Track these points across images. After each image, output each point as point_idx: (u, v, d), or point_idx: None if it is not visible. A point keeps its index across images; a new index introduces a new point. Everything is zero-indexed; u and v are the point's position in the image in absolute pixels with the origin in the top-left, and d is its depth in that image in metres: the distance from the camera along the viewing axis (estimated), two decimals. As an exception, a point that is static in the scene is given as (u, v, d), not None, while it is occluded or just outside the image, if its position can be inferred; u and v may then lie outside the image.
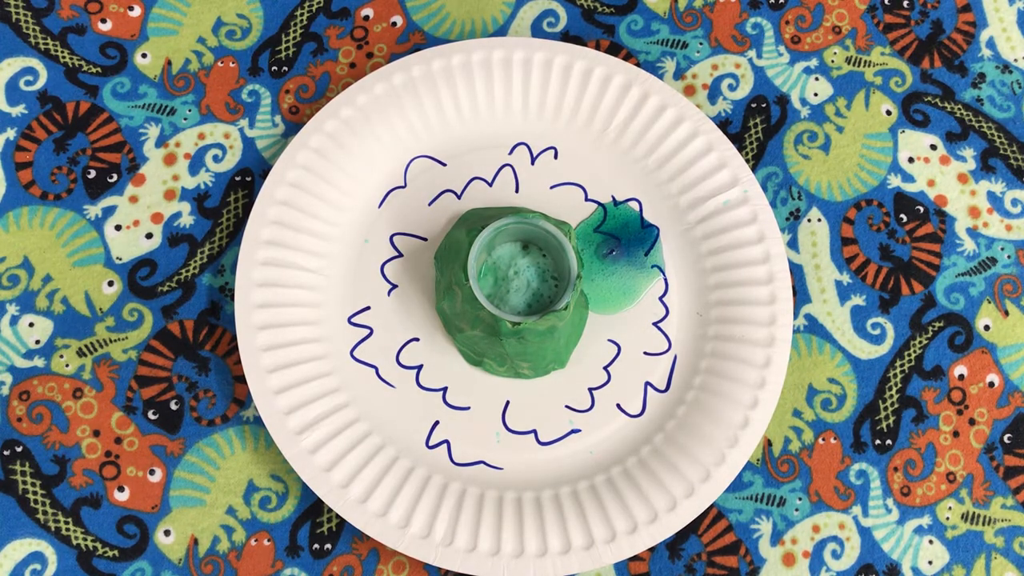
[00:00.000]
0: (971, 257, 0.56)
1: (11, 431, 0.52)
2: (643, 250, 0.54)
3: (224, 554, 0.51)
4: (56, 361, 0.53)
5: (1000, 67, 0.59)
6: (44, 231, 0.55)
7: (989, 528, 0.53)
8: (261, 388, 0.50)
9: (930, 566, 0.52)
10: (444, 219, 0.55)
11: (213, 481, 0.52)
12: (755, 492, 0.53)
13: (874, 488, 0.53)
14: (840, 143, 0.57)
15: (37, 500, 0.51)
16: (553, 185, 0.55)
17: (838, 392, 0.54)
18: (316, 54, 0.58)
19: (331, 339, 0.53)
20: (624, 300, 0.54)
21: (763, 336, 0.52)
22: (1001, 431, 0.54)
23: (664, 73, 0.58)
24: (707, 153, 0.54)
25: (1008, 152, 0.57)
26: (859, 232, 0.56)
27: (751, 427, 0.51)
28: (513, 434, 0.52)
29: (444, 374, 0.53)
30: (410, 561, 0.51)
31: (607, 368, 0.53)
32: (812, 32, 0.59)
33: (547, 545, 0.49)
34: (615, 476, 0.51)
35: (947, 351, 0.55)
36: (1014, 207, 0.57)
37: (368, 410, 0.52)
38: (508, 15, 0.59)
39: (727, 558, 0.52)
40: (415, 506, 0.50)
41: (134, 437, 0.52)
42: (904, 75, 0.58)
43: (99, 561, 0.51)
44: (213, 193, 0.55)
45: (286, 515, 0.52)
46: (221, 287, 0.54)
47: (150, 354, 0.53)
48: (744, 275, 0.53)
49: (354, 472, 0.50)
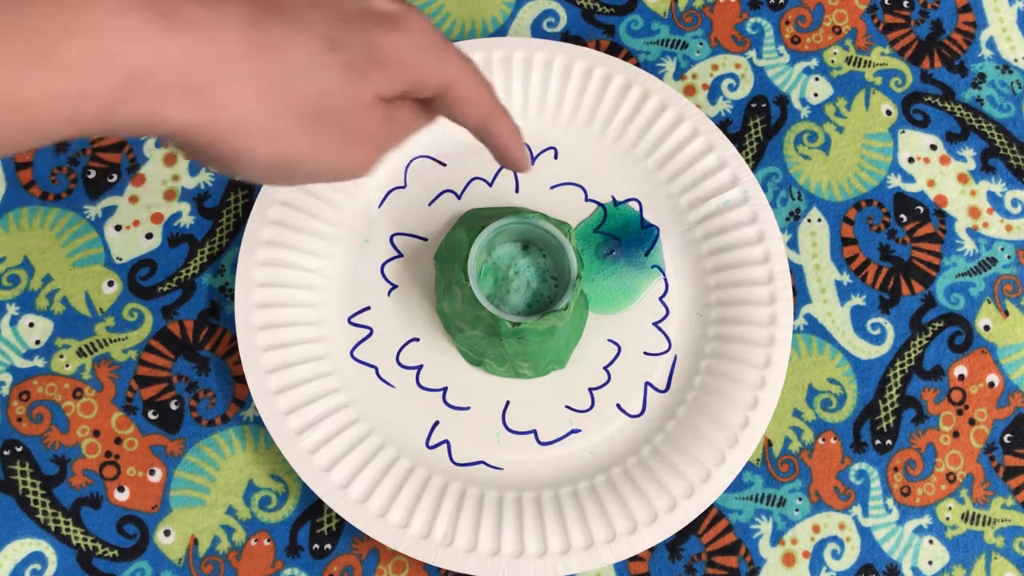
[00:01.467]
0: (971, 257, 0.56)
1: (11, 431, 0.52)
2: (643, 250, 0.54)
3: (224, 554, 0.51)
4: (56, 361, 0.53)
5: (1000, 67, 0.59)
6: (44, 231, 0.55)
7: (989, 528, 0.53)
8: (261, 388, 0.50)
9: (930, 566, 0.52)
10: (444, 219, 0.55)
11: (213, 481, 0.52)
12: (755, 492, 0.53)
13: (874, 488, 0.53)
14: (840, 143, 0.57)
15: (37, 500, 0.51)
16: (553, 185, 0.55)
17: (838, 392, 0.54)
18: (316, 54, 0.58)
19: (331, 339, 0.53)
20: (624, 300, 0.54)
21: (763, 336, 0.52)
22: (1001, 431, 0.54)
23: (664, 73, 0.58)
24: (707, 153, 0.54)
25: (1008, 152, 0.57)
26: (859, 232, 0.56)
27: (751, 427, 0.51)
28: (513, 434, 0.52)
29: (444, 374, 0.53)
30: (410, 561, 0.51)
31: (607, 368, 0.53)
32: (812, 32, 0.59)
33: (547, 545, 0.49)
34: (615, 476, 0.51)
35: (947, 351, 0.55)
36: (1014, 207, 0.57)
37: (368, 410, 0.52)
38: (508, 15, 0.59)
39: (727, 558, 0.52)
40: (415, 506, 0.50)
41: (134, 437, 0.52)
42: (904, 75, 0.58)
43: (99, 561, 0.51)
44: (213, 193, 0.55)
45: (286, 515, 0.52)
46: (221, 287, 0.54)
47: (150, 354, 0.53)
48: (744, 275, 0.53)
49: (354, 472, 0.50)
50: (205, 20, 0.30)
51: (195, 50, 0.30)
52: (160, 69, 0.29)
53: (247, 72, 0.31)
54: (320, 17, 0.33)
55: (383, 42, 0.33)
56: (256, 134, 0.32)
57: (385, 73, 0.34)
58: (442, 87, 0.36)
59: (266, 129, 0.32)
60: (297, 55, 0.32)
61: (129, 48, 0.29)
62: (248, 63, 0.31)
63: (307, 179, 0.34)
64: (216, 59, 0.30)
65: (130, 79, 0.29)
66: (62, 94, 0.28)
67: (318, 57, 0.32)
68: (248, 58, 0.31)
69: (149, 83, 0.29)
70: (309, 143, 0.33)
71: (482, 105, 0.37)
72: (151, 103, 0.30)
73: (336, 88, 0.33)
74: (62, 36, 0.28)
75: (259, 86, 0.31)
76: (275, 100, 0.31)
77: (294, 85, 0.32)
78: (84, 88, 0.28)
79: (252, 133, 0.32)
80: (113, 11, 0.29)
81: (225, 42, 0.30)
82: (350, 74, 0.33)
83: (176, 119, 0.30)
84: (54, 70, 0.28)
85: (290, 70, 0.32)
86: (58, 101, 0.28)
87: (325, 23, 0.32)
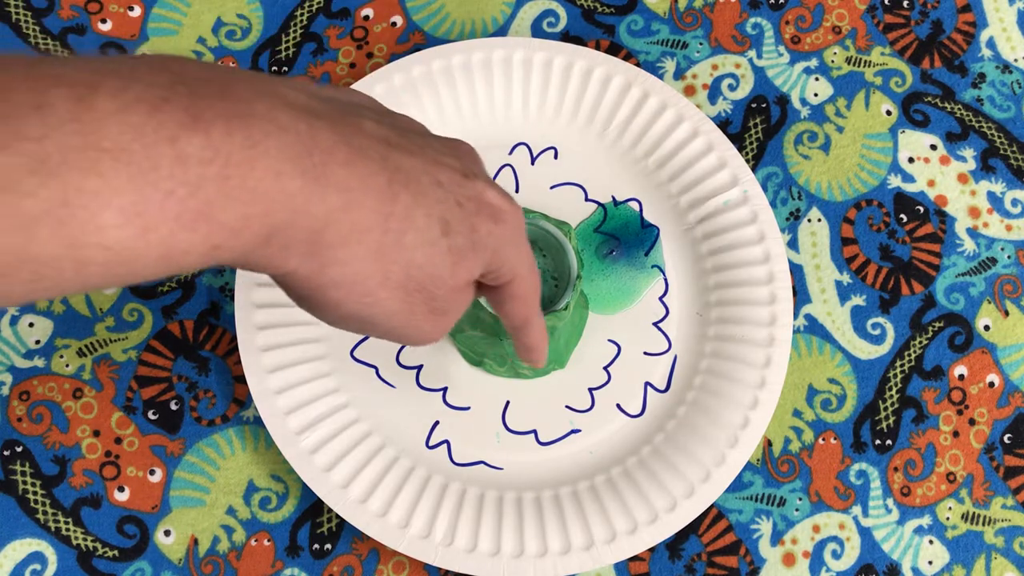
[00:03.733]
0: (971, 257, 0.56)
1: (11, 431, 0.52)
2: (643, 250, 0.54)
3: (224, 554, 0.51)
4: (56, 361, 0.53)
5: (1000, 67, 0.59)
6: (44, 231, 0.54)
7: (989, 528, 0.53)
8: (261, 388, 0.50)
9: (930, 566, 0.52)
10: (444, 219, 0.55)
11: (213, 481, 0.52)
12: (755, 492, 0.53)
13: (874, 488, 0.53)
14: (840, 143, 0.57)
15: (37, 500, 0.51)
16: (553, 185, 0.55)
17: (838, 392, 0.54)
18: (316, 54, 0.58)
19: (331, 339, 0.53)
20: (624, 300, 0.54)
21: (763, 336, 0.52)
22: (1001, 431, 0.54)
23: (664, 73, 0.58)
24: (707, 153, 0.54)
25: (1008, 152, 0.57)
26: (859, 232, 0.56)
27: (751, 427, 0.51)
28: (513, 434, 0.52)
29: (444, 374, 0.53)
30: (410, 561, 0.51)
31: (607, 368, 0.53)
32: (812, 32, 0.59)
33: (547, 545, 0.49)
34: (615, 476, 0.51)
35: (947, 351, 0.55)
36: (1014, 207, 0.57)
37: (368, 410, 0.52)
38: (508, 15, 0.59)
39: (727, 558, 0.52)
40: (415, 506, 0.50)
41: (134, 437, 0.52)
42: (904, 75, 0.58)
43: (99, 561, 0.51)
44: (213, 193, 0.55)
45: (286, 515, 0.52)
46: (221, 287, 0.54)
47: (150, 354, 0.53)
48: (744, 275, 0.53)
49: (354, 472, 0.50)
50: (352, 186, 0.30)
51: (339, 213, 0.30)
52: (296, 226, 0.30)
53: (372, 239, 0.31)
54: (442, 198, 0.33)
55: (484, 232, 0.35)
56: (357, 293, 0.32)
57: (479, 260, 0.35)
58: (508, 281, 0.38)
59: (369, 291, 0.32)
60: (415, 231, 0.32)
61: (278, 205, 0.29)
62: (376, 231, 0.31)
63: (380, 335, 0.35)
64: (351, 225, 0.31)
65: (272, 233, 0.29)
66: (208, 247, 0.28)
67: (432, 238, 0.33)
68: (376, 227, 0.31)
69: (283, 237, 0.29)
70: (401, 308, 0.34)
71: (529, 308, 0.40)
72: (275, 252, 0.30)
73: (440, 270, 0.34)
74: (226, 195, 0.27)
75: (376, 253, 0.32)
76: (386, 268, 0.32)
77: (406, 258, 0.32)
78: (224, 242, 0.28)
79: (353, 291, 0.32)
80: (273, 163, 0.28)
81: (361, 208, 0.31)
82: (453, 257, 0.34)
83: (289, 268, 0.31)
84: (216, 228, 0.28)
85: (407, 244, 0.32)
86: (200, 255, 0.28)
87: (444, 206, 0.33)
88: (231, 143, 0.27)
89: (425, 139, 0.35)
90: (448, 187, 0.34)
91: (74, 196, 0.25)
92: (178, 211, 0.27)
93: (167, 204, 0.26)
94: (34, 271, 0.26)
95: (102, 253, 0.26)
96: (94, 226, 0.26)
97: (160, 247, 0.27)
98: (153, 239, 0.27)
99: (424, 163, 0.33)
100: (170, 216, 0.27)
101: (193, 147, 0.27)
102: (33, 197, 0.25)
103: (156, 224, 0.26)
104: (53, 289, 0.27)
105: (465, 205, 0.34)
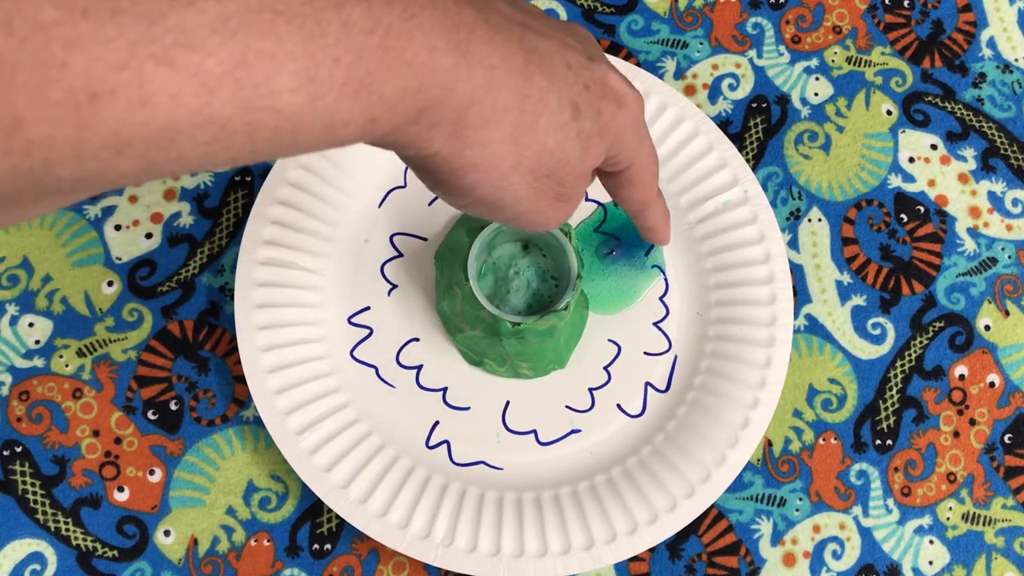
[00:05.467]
0: (972, 257, 0.56)
1: (11, 431, 0.52)
2: (643, 250, 0.54)
3: (224, 554, 0.51)
4: (56, 361, 0.53)
5: (1000, 67, 0.59)
6: (44, 231, 0.55)
7: (990, 528, 0.53)
8: (261, 388, 0.50)
9: (930, 566, 0.52)
10: (444, 219, 0.55)
11: (213, 481, 0.52)
12: (755, 492, 0.53)
13: (874, 488, 0.53)
14: (840, 143, 0.57)
15: (37, 500, 0.51)
16: (553, 185, 0.55)
17: (838, 392, 0.54)
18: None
19: (331, 339, 0.53)
20: (624, 300, 0.54)
21: (763, 336, 0.52)
22: (1001, 431, 0.54)
23: (664, 73, 0.58)
24: (707, 153, 0.54)
25: (1008, 152, 0.57)
26: (859, 232, 0.56)
27: (751, 427, 0.51)
28: (513, 434, 0.52)
29: (444, 374, 0.53)
30: (410, 561, 0.51)
31: (607, 368, 0.53)
32: (812, 32, 0.59)
33: (547, 545, 0.49)
34: (615, 476, 0.51)
35: (947, 351, 0.55)
36: (1015, 207, 0.57)
37: (368, 410, 0.52)
38: (508, 15, 0.59)
39: (727, 558, 0.52)
40: (415, 506, 0.50)
41: (134, 437, 0.52)
42: (904, 75, 0.58)
43: (99, 561, 0.51)
44: (213, 193, 0.55)
45: (286, 515, 0.52)
46: (221, 287, 0.54)
47: (150, 354, 0.53)
48: (744, 275, 0.53)
49: (354, 472, 0.50)
50: (495, 64, 0.30)
51: (482, 91, 0.30)
52: (444, 104, 0.30)
53: (509, 120, 0.31)
54: (572, 81, 0.33)
55: (608, 116, 0.34)
56: (492, 176, 0.32)
57: (602, 146, 0.35)
58: (627, 166, 0.38)
59: (504, 175, 0.32)
60: (548, 115, 0.32)
61: (431, 80, 0.29)
62: (513, 112, 0.31)
63: (505, 220, 0.35)
64: (492, 104, 0.31)
65: (423, 109, 0.29)
66: (366, 119, 0.28)
67: (564, 121, 0.33)
68: (513, 108, 0.31)
69: (432, 114, 0.29)
70: (529, 194, 0.34)
71: (648, 193, 0.40)
72: (422, 130, 0.30)
73: (569, 155, 0.34)
74: (387, 67, 0.27)
75: (513, 135, 0.32)
76: (520, 152, 0.32)
77: (540, 142, 0.32)
78: (381, 115, 0.28)
79: (489, 174, 0.32)
80: (427, 37, 0.28)
81: (502, 88, 0.31)
82: (581, 142, 0.34)
83: (434, 149, 0.31)
84: (375, 100, 0.28)
85: (540, 127, 0.32)
86: (358, 127, 0.28)
87: (573, 89, 0.33)
88: (391, 14, 0.27)
89: (552, 21, 0.35)
90: (577, 70, 0.33)
91: (253, 58, 0.25)
92: (344, 79, 0.27)
93: (335, 71, 0.26)
94: (211, 133, 0.25)
95: (273, 118, 0.26)
96: (268, 89, 0.25)
97: (324, 115, 0.27)
98: (319, 107, 0.26)
99: (556, 45, 0.33)
100: (336, 84, 0.26)
101: (357, 15, 0.27)
102: (215, 56, 0.24)
103: (324, 91, 0.26)
104: (221, 154, 0.26)
105: (592, 88, 0.34)
